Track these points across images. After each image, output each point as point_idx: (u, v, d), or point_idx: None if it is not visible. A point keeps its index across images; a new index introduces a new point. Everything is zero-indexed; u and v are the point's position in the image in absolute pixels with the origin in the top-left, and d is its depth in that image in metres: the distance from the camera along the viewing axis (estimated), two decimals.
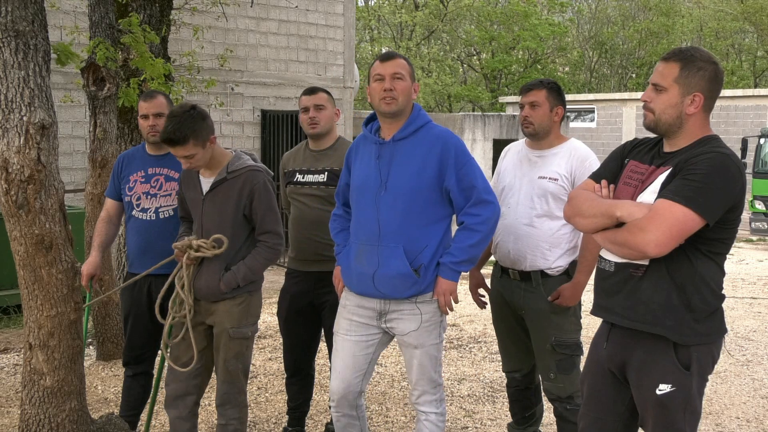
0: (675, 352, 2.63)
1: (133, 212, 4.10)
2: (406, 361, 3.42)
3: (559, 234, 3.64)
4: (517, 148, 3.87)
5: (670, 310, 2.60)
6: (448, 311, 3.31)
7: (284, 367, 4.36)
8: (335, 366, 3.45)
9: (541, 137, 3.71)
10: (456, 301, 3.31)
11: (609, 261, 2.74)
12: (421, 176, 3.22)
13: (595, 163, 3.56)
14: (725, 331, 2.72)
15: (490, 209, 3.25)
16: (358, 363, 3.39)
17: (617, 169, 2.82)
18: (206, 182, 3.61)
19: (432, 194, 3.23)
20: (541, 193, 3.64)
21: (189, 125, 3.41)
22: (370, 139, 3.35)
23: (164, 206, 4.02)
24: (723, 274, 2.69)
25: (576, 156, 3.64)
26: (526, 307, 3.71)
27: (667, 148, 2.70)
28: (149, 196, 4.05)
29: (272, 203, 3.62)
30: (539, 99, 3.66)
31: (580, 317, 3.75)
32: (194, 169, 3.61)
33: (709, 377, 2.77)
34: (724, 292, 2.72)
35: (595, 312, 2.85)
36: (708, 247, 2.60)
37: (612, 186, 2.78)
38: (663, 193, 2.55)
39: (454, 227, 3.29)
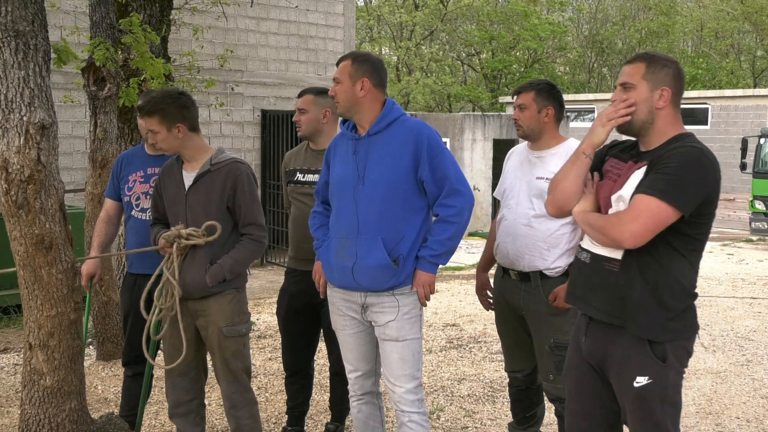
0: (650, 346, 2.68)
1: (133, 212, 4.10)
2: (385, 356, 3.40)
3: (558, 234, 3.64)
4: (520, 149, 3.90)
5: (643, 307, 2.66)
6: (426, 303, 3.37)
7: (283, 367, 4.36)
8: (347, 359, 3.52)
9: (533, 138, 3.74)
10: (433, 292, 3.37)
11: (587, 252, 2.81)
12: (397, 168, 3.27)
13: None
14: (697, 327, 2.77)
15: (463, 199, 3.30)
16: (366, 350, 3.48)
17: (598, 166, 2.89)
18: (189, 176, 3.60)
19: (408, 185, 3.29)
20: (538, 193, 3.64)
21: (161, 102, 3.51)
22: (347, 135, 3.41)
23: None
24: (696, 272, 2.74)
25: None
26: (525, 307, 3.72)
27: (643, 148, 2.78)
28: (148, 196, 4.04)
29: (256, 195, 3.63)
30: (526, 101, 3.70)
31: None
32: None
33: (709, 377, 2.79)
34: (697, 290, 2.77)
35: (569, 300, 2.92)
36: (681, 243, 2.65)
37: (597, 177, 2.86)
38: (638, 188, 2.63)
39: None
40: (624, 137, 2.88)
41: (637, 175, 2.68)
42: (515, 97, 3.78)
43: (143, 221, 4.04)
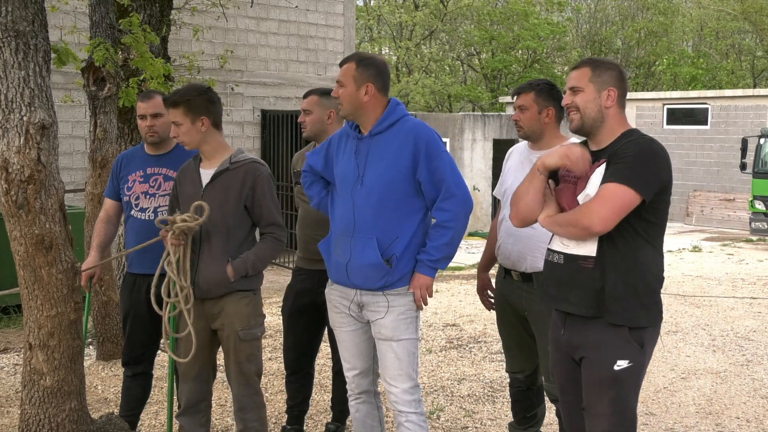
0: (629, 332, 2.85)
1: (132, 212, 4.10)
2: (381, 356, 3.41)
3: None
4: (520, 149, 3.88)
5: (619, 297, 2.83)
6: (423, 306, 3.36)
7: (284, 365, 4.36)
8: (344, 357, 3.53)
9: (535, 139, 3.74)
10: (431, 295, 3.37)
11: (558, 253, 2.95)
12: (394, 169, 3.27)
13: None
14: (662, 318, 2.97)
15: (458, 204, 3.28)
16: (363, 349, 3.48)
17: (552, 173, 3.04)
18: (207, 174, 3.59)
19: (406, 186, 3.28)
20: None
21: (188, 94, 3.52)
22: (351, 135, 3.42)
23: (163, 206, 4.01)
24: (662, 256, 2.94)
25: None
26: (528, 308, 3.71)
27: (594, 147, 2.97)
28: (148, 196, 4.05)
29: (274, 195, 3.64)
30: (527, 102, 3.69)
31: None
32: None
33: (709, 377, 2.84)
34: (665, 274, 2.96)
35: (545, 300, 3.08)
36: (646, 230, 2.84)
37: (553, 185, 3.03)
38: (603, 179, 2.83)
39: None
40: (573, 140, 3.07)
41: (599, 173, 2.85)
42: (515, 97, 3.76)
43: (143, 221, 4.04)
